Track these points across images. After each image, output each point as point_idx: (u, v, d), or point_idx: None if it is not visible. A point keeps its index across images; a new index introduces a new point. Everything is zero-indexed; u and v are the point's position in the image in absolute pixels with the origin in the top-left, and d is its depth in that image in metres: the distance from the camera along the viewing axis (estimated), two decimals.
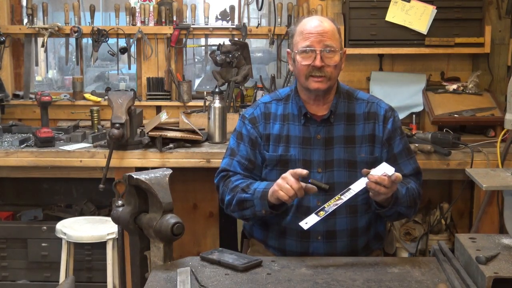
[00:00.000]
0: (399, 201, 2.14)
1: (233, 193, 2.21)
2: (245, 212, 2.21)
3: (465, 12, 3.59)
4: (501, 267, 1.75)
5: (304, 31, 2.20)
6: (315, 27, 2.19)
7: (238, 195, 2.19)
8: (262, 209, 2.14)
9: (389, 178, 1.98)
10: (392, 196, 2.10)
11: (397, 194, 2.11)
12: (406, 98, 3.68)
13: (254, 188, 2.17)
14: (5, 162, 3.19)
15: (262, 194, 2.13)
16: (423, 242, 3.52)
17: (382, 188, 1.99)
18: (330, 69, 2.20)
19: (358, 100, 2.32)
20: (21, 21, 4.05)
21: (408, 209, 2.21)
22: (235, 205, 2.22)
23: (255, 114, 2.33)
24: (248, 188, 2.18)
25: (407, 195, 2.18)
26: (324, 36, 2.18)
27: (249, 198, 2.17)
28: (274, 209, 2.14)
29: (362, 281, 1.83)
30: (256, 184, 2.19)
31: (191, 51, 4.01)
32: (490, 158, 3.12)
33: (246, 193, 2.17)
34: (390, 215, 2.22)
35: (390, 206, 2.13)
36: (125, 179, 1.97)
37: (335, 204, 2.00)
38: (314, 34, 2.18)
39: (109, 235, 3.13)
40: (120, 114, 3.11)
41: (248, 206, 2.18)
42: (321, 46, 2.18)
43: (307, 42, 2.19)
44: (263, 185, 2.16)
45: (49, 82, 4.68)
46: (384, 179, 1.98)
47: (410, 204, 2.20)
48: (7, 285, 3.62)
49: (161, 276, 1.84)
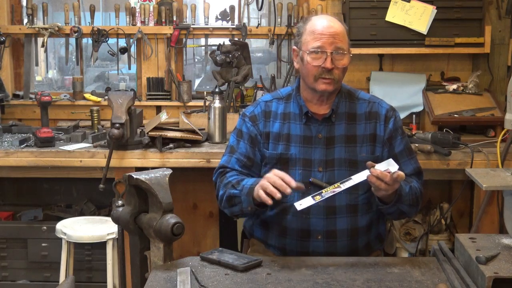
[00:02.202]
0: (402, 199, 2.14)
1: (225, 189, 2.21)
2: (234, 208, 2.21)
3: (465, 12, 3.59)
4: (501, 267, 1.75)
5: (316, 31, 2.19)
6: (327, 28, 2.18)
7: (228, 191, 2.19)
8: (248, 205, 2.13)
9: (391, 175, 1.98)
10: (395, 193, 2.10)
11: (400, 191, 2.11)
12: (406, 98, 3.68)
13: (243, 184, 2.16)
14: (5, 162, 3.19)
15: (248, 191, 2.11)
16: (423, 242, 3.52)
17: (383, 184, 1.99)
18: (339, 72, 2.20)
19: (360, 100, 2.32)
20: (21, 21, 4.05)
21: (410, 208, 2.21)
22: (225, 201, 2.22)
23: (255, 112, 2.33)
24: (238, 184, 2.17)
25: (410, 194, 2.18)
26: (336, 38, 2.18)
27: (237, 194, 2.16)
28: (260, 207, 2.13)
29: (362, 281, 1.83)
30: (245, 180, 2.17)
31: (191, 51, 4.01)
32: (490, 158, 3.13)
33: (235, 189, 2.17)
34: (392, 213, 2.22)
35: (392, 203, 2.13)
36: (125, 179, 1.97)
37: (332, 191, 2.00)
38: (326, 35, 2.17)
39: (109, 235, 3.13)
40: (120, 114, 3.11)
41: (237, 202, 2.17)
42: (332, 48, 2.17)
43: (318, 43, 2.17)
44: (251, 181, 2.15)
45: (49, 82, 4.68)
46: (386, 175, 1.98)
47: (412, 203, 2.20)
48: (7, 285, 3.62)
49: (161, 276, 1.84)
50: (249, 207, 2.13)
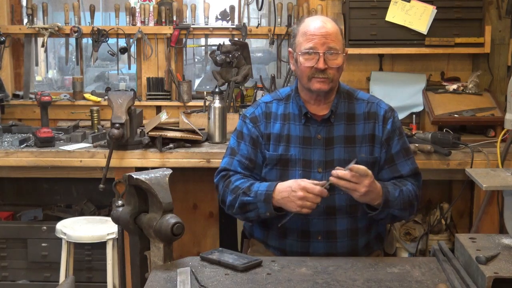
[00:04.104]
0: (390, 204, 2.14)
1: (235, 195, 2.21)
2: (249, 214, 2.22)
3: (465, 12, 3.59)
4: (501, 267, 1.74)
5: (308, 32, 2.20)
6: (319, 29, 2.19)
7: (241, 198, 2.19)
8: (266, 211, 2.15)
9: (351, 172, 2.00)
10: (380, 199, 2.10)
11: (387, 196, 2.12)
12: (406, 98, 3.68)
13: (255, 190, 2.16)
14: (5, 162, 3.19)
15: (266, 197, 2.13)
16: (423, 242, 3.52)
17: (348, 183, 2.01)
18: (333, 71, 2.20)
19: (358, 100, 2.32)
20: (21, 21, 4.05)
21: (403, 212, 2.20)
22: (237, 208, 2.22)
23: (256, 114, 2.33)
24: (249, 191, 2.18)
25: (401, 197, 2.17)
26: (328, 38, 2.18)
27: (251, 201, 2.17)
28: (279, 211, 2.15)
29: (362, 281, 1.83)
30: (256, 186, 2.18)
31: (191, 51, 4.01)
32: (490, 158, 3.12)
33: (248, 196, 2.17)
34: (383, 218, 2.21)
35: (380, 209, 2.13)
36: (125, 179, 1.97)
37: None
38: (318, 36, 2.18)
39: (109, 235, 3.13)
40: (120, 114, 3.11)
41: (252, 208, 2.18)
42: (325, 48, 2.18)
43: (310, 44, 2.18)
44: (264, 187, 2.16)
45: (49, 82, 4.69)
46: (345, 173, 2.01)
47: (404, 207, 2.19)
48: (7, 285, 3.62)
49: (161, 276, 1.84)
50: (268, 213, 2.15)
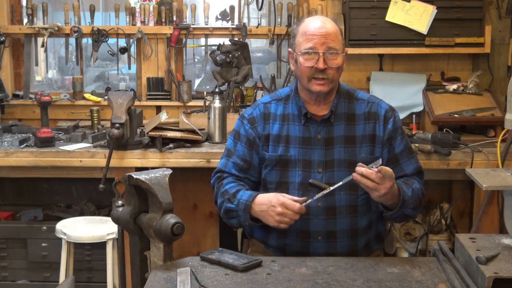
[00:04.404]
0: (406, 203, 2.15)
1: (222, 199, 2.24)
2: (232, 221, 2.25)
3: (465, 12, 3.59)
4: (501, 267, 1.75)
5: (307, 32, 2.19)
6: (319, 29, 2.19)
7: (225, 204, 2.22)
8: (245, 221, 2.18)
9: (376, 172, 1.99)
10: (398, 199, 2.11)
11: (404, 196, 2.12)
12: (406, 98, 3.68)
13: (238, 198, 2.18)
14: (5, 162, 3.19)
15: (245, 207, 2.15)
16: (423, 242, 3.52)
17: (369, 182, 2.00)
18: (333, 71, 2.20)
19: (359, 100, 2.32)
20: (21, 21, 4.05)
21: (414, 210, 2.22)
22: (223, 213, 2.26)
23: (254, 114, 2.33)
24: (234, 198, 2.20)
25: (413, 197, 2.18)
26: (327, 38, 2.18)
27: (234, 208, 2.19)
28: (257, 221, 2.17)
29: (362, 281, 1.83)
30: (240, 194, 2.19)
31: (191, 51, 4.01)
32: (490, 158, 3.12)
33: (232, 203, 2.20)
34: (397, 217, 2.23)
35: (397, 209, 2.13)
36: (125, 179, 1.97)
37: (322, 194, 2.10)
38: (318, 36, 2.17)
39: (109, 235, 3.13)
40: (120, 114, 3.11)
41: (234, 216, 2.21)
42: (324, 48, 2.17)
43: (310, 44, 2.18)
44: (246, 196, 2.17)
45: (49, 82, 4.69)
46: (371, 172, 1.99)
47: (416, 205, 2.21)
48: (7, 285, 3.62)
49: (161, 276, 1.84)
50: (247, 223, 2.18)
